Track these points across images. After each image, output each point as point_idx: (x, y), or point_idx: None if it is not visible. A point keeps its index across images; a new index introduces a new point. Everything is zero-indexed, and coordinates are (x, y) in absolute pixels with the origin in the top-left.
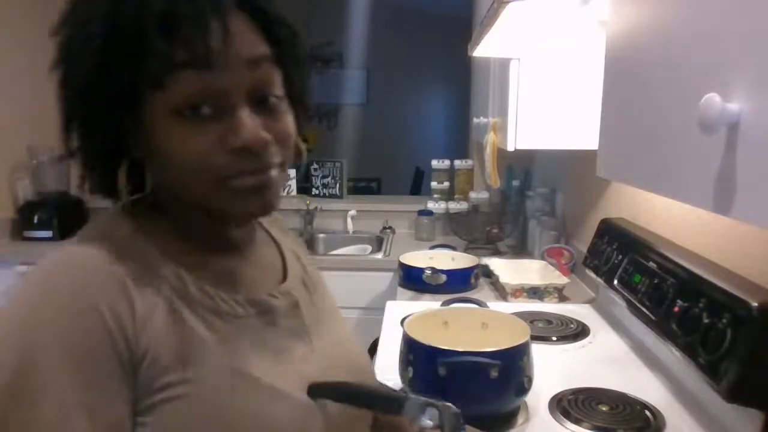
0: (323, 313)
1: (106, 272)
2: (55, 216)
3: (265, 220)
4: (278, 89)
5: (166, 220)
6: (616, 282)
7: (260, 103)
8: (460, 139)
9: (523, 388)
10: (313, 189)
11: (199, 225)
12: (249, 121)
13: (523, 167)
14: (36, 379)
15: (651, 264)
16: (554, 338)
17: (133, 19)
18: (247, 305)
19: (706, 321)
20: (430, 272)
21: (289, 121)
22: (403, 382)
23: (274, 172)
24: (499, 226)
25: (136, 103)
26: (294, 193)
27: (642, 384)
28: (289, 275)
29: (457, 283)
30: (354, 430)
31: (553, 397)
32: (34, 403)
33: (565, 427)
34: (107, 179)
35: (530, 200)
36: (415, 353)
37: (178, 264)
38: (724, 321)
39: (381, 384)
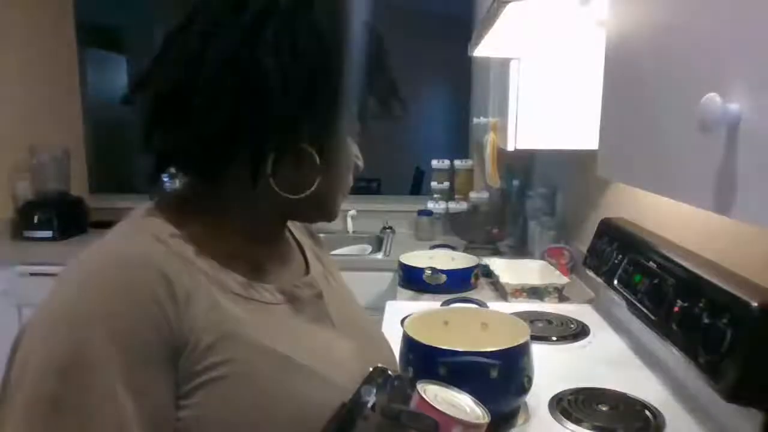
0: (348, 306)
1: (147, 265)
2: (55, 216)
3: (289, 224)
4: None
5: (199, 215)
6: (616, 282)
7: None
8: (460, 139)
9: (523, 388)
10: None
11: (250, 219)
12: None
13: (523, 167)
14: (87, 361)
15: (651, 264)
16: (554, 338)
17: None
18: (277, 293)
19: (706, 321)
20: (430, 272)
21: None
22: None
23: None
24: (499, 226)
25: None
26: None
27: (642, 384)
28: (312, 270)
29: (457, 283)
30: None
31: (553, 397)
32: (86, 382)
33: (565, 427)
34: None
35: (530, 200)
36: (415, 353)
37: (211, 255)
38: (724, 321)
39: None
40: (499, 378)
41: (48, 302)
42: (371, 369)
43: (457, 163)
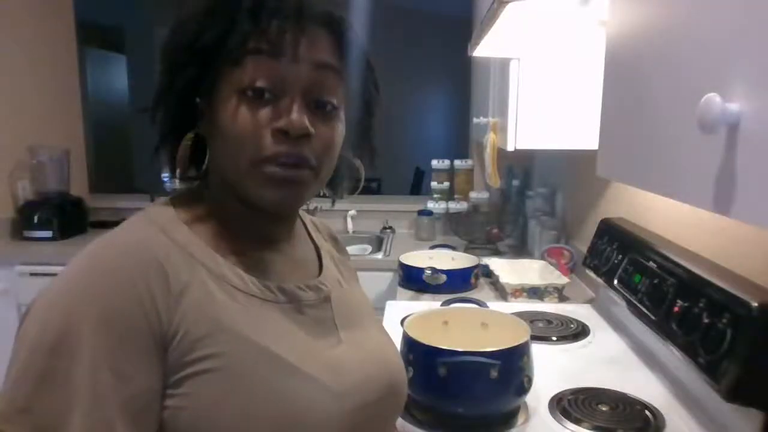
0: (357, 311)
1: (144, 253)
2: (55, 216)
3: (310, 226)
4: (337, 99)
5: (206, 211)
6: (616, 282)
7: (317, 107)
8: (460, 139)
9: (523, 388)
10: None
11: (237, 215)
12: (297, 110)
13: (523, 167)
14: (75, 340)
15: (651, 264)
16: (554, 338)
17: (229, 2)
18: (277, 291)
19: (706, 321)
20: (430, 272)
21: (336, 129)
22: None
23: (305, 172)
24: (499, 226)
25: (214, 80)
26: None
27: (642, 384)
28: (324, 273)
29: (457, 283)
30: (377, 424)
31: (553, 397)
32: (72, 360)
33: (565, 427)
34: (175, 151)
35: (530, 200)
36: (415, 353)
37: (214, 249)
38: (724, 321)
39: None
40: (499, 378)
41: (51, 284)
42: None
43: (457, 163)
